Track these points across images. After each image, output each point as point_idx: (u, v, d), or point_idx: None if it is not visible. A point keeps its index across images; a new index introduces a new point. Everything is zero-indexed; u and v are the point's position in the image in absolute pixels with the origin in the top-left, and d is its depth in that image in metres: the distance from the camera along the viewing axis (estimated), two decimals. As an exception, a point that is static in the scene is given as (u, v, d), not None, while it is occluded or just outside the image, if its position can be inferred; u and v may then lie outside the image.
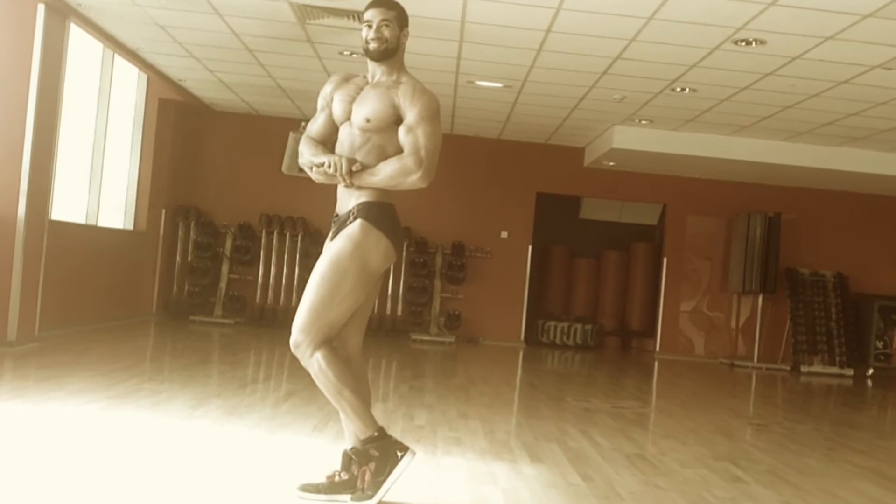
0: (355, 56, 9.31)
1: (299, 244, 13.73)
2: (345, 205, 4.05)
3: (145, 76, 12.16)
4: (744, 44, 7.97)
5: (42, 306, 8.85)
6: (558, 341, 14.56)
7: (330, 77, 4.29)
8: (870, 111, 10.08)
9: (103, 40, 9.89)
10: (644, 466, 5.51)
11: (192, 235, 13.66)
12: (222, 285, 13.63)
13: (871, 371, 13.84)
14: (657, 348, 14.63)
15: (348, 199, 4.03)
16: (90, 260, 10.84)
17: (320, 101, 4.22)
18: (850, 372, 13.65)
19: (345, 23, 8.33)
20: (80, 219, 10.96)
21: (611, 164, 13.89)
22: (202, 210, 13.77)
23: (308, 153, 4.08)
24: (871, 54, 7.98)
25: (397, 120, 3.98)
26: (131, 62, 10.89)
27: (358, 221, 3.96)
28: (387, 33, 4.03)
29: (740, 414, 9.09)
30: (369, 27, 4.05)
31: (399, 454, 4.01)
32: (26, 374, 7.23)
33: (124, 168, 12.31)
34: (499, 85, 10.50)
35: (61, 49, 8.80)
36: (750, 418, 8.83)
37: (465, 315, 14.00)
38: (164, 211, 13.22)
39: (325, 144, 4.13)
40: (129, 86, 12.18)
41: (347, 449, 4.10)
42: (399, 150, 3.96)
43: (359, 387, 4.05)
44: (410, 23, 4.16)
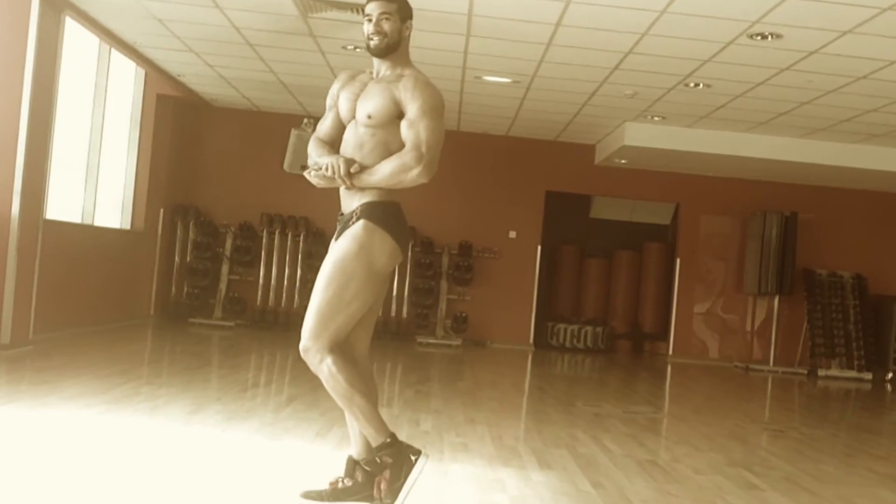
0: (359, 50, 9.33)
1: (301, 244, 13.74)
2: (348, 204, 4.03)
3: (143, 71, 12.17)
4: (759, 38, 7.96)
5: (36, 308, 8.85)
6: (568, 344, 14.55)
7: (338, 75, 4.29)
8: (889, 107, 10.06)
9: (99, 34, 9.91)
10: (657, 473, 5.51)
11: (191, 235, 13.68)
12: (222, 287, 13.65)
13: (890, 375, 13.80)
14: (670, 351, 14.61)
15: (352, 199, 4.02)
16: (86, 260, 10.85)
17: (328, 101, 4.22)
18: (868, 376, 13.62)
19: (348, 16, 8.34)
20: (76, 218, 10.97)
21: (622, 161, 13.88)
22: (201, 209, 13.79)
23: (315, 155, 4.08)
24: (890, 48, 7.97)
25: (399, 115, 3.97)
26: (128, 57, 10.91)
27: (361, 222, 3.94)
28: (387, 27, 4.01)
29: (756, 419, 9.09)
30: (369, 21, 4.03)
31: (413, 458, 4.01)
32: (20, 379, 7.24)
33: (121, 166, 12.32)
34: (507, 80, 10.50)
35: (56, 43, 8.80)
36: (766, 423, 8.83)
37: (473, 317, 13.99)
38: (162, 210, 13.23)
39: (334, 145, 4.12)
40: (126, 81, 12.20)
41: (353, 456, 4.09)
42: (403, 147, 3.96)
43: (369, 391, 4.05)
44: (416, 16, 4.14)
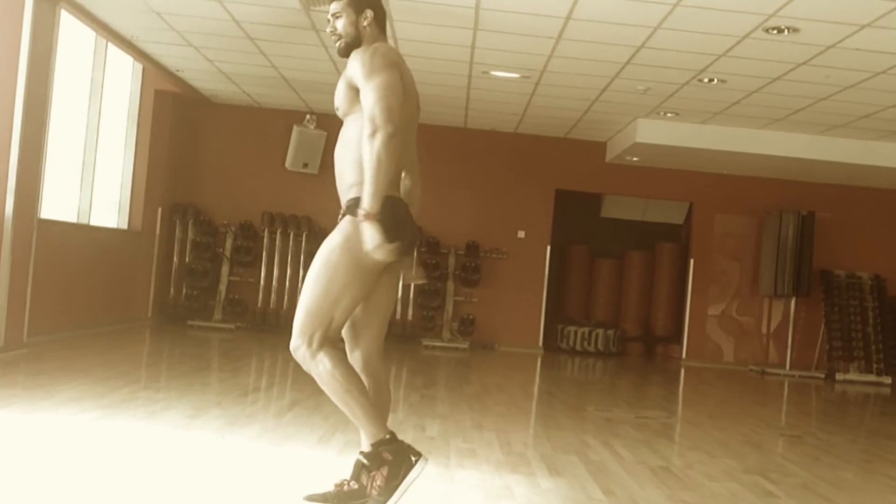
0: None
1: (304, 244, 13.74)
2: (342, 199, 4.06)
3: (140, 66, 12.19)
4: (776, 32, 7.95)
5: (31, 310, 8.86)
6: (578, 347, 14.54)
7: None
8: (910, 103, 10.06)
9: (96, 28, 9.93)
10: (670, 480, 5.51)
11: (190, 235, 13.70)
12: (222, 288, 13.67)
13: (910, 379, 13.82)
14: (683, 355, 14.60)
15: (342, 193, 4.05)
16: (82, 261, 10.87)
17: None
18: (888, 380, 13.62)
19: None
20: (72, 217, 11.00)
21: (634, 159, 13.88)
22: (201, 208, 13.81)
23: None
24: (911, 42, 7.97)
25: (358, 93, 3.95)
26: (125, 51, 10.92)
27: (347, 217, 3.96)
28: (339, 26, 4.03)
29: (772, 424, 9.08)
30: (328, 25, 4.08)
31: (413, 459, 4.01)
32: (14, 383, 7.25)
33: (118, 164, 12.34)
34: (515, 75, 10.50)
35: (51, 38, 8.82)
36: (782, 429, 8.82)
37: (480, 319, 14.00)
38: (160, 209, 13.25)
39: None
40: (123, 76, 12.22)
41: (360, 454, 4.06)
42: None
43: (378, 392, 4.08)
44: (421, 9, 4.15)
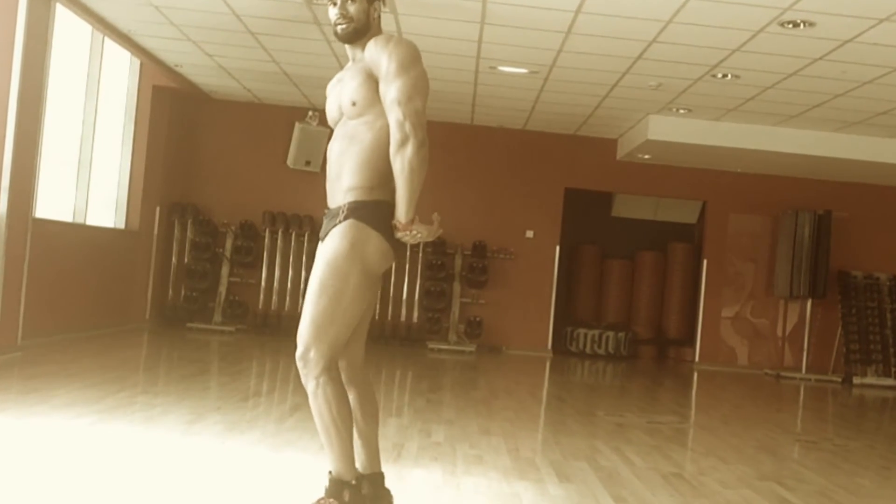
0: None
1: (305, 244, 13.75)
2: (334, 200, 3.91)
3: (138, 61, 12.21)
4: (791, 26, 7.94)
5: (25, 312, 8.88)
6: (588, 350, 14.53)
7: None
8: (930, 98, 10.04)
9: (92, 22, 9.93)
10: (682, 487, 5.49)
11: (189, 235, 13.70)
12: (222, 289, 13.67)
13: (930, 383, 13.78)
14: (696, 358, 14.59)
15: (337, 194, 3.90)
16: (78, 262, 10.89)
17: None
18: (907, 384, 13.61)
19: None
20: (67, 217, 11.01)
21: (646, 157, 13.86)
22: (200, 207, 13.81)
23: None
24: (931, 36, 7.95)
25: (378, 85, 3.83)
26: (123, 46, 10.93)
27: (351, 221, 3.80)
28: (352, 10, 3.88)
29: (787, 430, 9.07)
30: (334, 5, 3.92)
31: None
32: (8, 387, 7.25)
33: (115, 162, 12.36)
34: (524, 71, 10.49)
35: (46, 32, 8.84)
36: (797, 434, 8.81)
37: (487, 322, 13.99)
38: (158, 208, 13.26)
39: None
40: (120, 72, 12.23)
41: (359, 469, 3.97)
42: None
43: (362, 404, 3.99)
44: (427, 3, 4.11)
